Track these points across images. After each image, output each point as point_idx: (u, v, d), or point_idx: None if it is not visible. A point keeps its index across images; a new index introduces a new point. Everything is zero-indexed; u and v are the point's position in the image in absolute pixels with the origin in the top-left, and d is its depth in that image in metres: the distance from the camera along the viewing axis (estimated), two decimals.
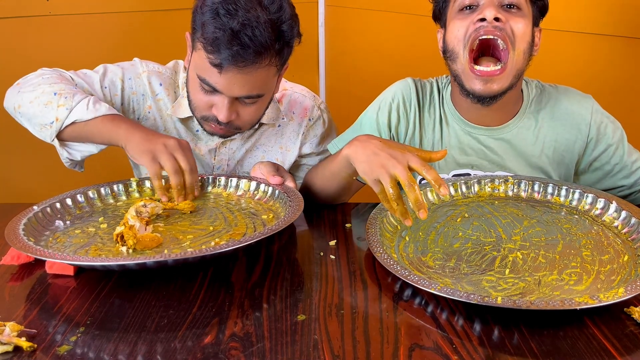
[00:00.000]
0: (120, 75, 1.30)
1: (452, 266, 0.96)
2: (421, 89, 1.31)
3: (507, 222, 1.11)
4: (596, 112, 1.23)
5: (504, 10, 1.13)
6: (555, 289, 0.89)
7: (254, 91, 1.15)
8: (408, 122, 1.29)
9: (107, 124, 1.19)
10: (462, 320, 0.85)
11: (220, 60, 1.10)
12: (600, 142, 1.23)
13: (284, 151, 1.39)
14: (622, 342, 0.80)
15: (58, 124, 1.19)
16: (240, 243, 0.93)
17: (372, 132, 1.29)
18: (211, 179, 1.25)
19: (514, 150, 1.26)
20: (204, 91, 1.17)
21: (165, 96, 1.32)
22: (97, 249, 0.99)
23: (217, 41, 1.08)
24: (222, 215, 1.13)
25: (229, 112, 1.16)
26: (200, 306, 0.88)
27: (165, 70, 1.33)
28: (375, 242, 1.00)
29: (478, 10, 1.14)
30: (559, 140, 1.25)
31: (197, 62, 1.15)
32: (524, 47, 1.14)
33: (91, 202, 1.17)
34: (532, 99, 1.26)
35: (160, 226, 1.08)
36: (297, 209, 1.06)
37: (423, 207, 0.97)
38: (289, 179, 1.20)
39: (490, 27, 1.11)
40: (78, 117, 1.18)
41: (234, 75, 1.11)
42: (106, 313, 0.87)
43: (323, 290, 0.93)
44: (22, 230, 0.99)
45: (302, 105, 1.38)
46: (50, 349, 0.78)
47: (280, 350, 0.78)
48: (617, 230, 1.06)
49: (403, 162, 0.99)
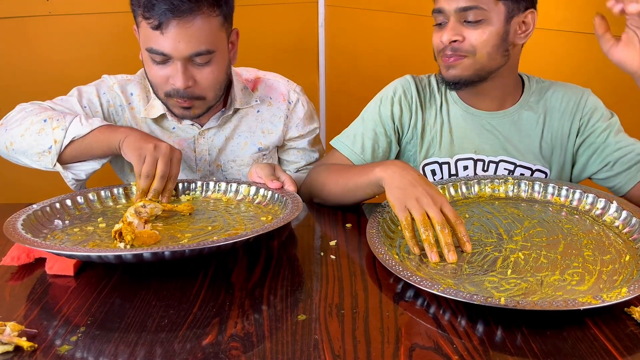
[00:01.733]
0: (95, 92, 1.32)
1: (453, 267, 0.96)
2: (419, 82, 1.37)
3: (508, 222, 1.11)
4: (591, 99, 1.30)
5: (464, 26, 1.20)
6: (557, 289, 0.89)
7: (202, 46, 1.16)
8: (411, 112, 1.34)
9: (105, 132, 1.21)
10: (463, 320, 0.84)
11: (159, 18, 1.12)
12: (590, 122, 1.29)
13: (267, 134, 1.41)
14: (622, 342, 0.80)
15: (57, 145, 1.20)
16: (239, 237, 0.92)
17: (376, 126, 1.33)
18: (212, 183, 1.24)
19: (516, 133, 1.31)
20: (156, 63, 1.18)
21: (138, 102, 1.35)
22: (95, 245, 0.99)
23: (151, 0, 1.12)
24: (221, 217, 1.12)
25: (184, 77, 1.17)
26: (201, 306, 0.88)
27: (134, 77, 1.37)
28: (376, 242, 1.00)
29: (443, 29, 1.22)
30: (557, 127, 1.31)
31: (142, 37, 1.18)
32: (487, 51, 1.21)
33: (91, 204, 1.17)
34: (533, 91, 1.33)
35: (159, 226, 1.07)
36: (296, 209, 1.06)
37: (452, 249, 0.98)
38: (288, 180, 1.19)
39: (449, 49, 1.21)
40: (75, 133, 1.20)
41: (176, 32, 1.13)
42: (107, 313, 0.87)
43: (323, 290, 0.93)
44: (21, 226, 0.99)
45: (278, 90, 1.41)
46: (50, 349, 0.78)
47: (281, 350, 0.78)
48: (618, 230, 1.06)
49: (438, 203, 1.01)
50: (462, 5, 1.18)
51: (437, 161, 1.33)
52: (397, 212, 1.03)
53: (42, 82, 1.90)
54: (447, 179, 1.25)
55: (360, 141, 1.32)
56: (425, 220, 0.99)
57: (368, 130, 1.32)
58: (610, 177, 1.27)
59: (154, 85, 1.24)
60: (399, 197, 1.04)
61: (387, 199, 1.07)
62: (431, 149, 1.34)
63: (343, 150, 1.33)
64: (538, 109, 1.31)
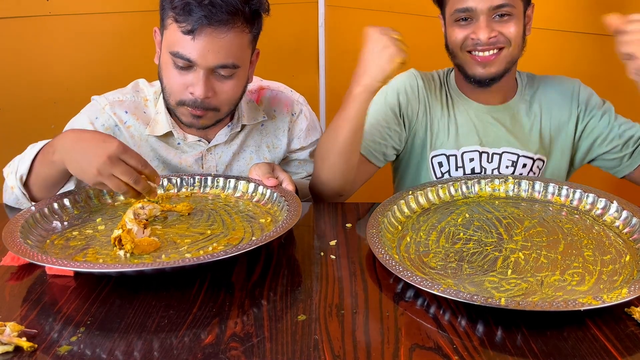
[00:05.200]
0: (87, 120, 1.28)
1: (454, 267, 0.96)
2: (424, 76, 1.39)
3: (508, 222, 1.11)
4: (583, 88, 1.37)
5: (496, 22, 1.25)
6: (558, 290, 0.89)
7: (229, 59, 1.15)
8: (418, 104, 1.36)
9: (43, 160, 1.13)
10: (463, 320, 0.84)
11: (193, 24, 1.10)
12: (588, 109, 1.35)
13: (272, 149, 1.39)
14: (623, 342, 0.79)
15: (17, 191, 1.16)
16: (238, 250, 0.92)
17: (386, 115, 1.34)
18: (210, 179, 1.24)
19: (517, 125, 1.36)
20: (178, 69, 1.16)
21: (135, 121, 1.29)
22: (95, 252, 0.98)
23: (189, 5, 1.10)
24: (220, 218, 1.12)
25: (205, 87, 1.15)
26: (201, 306, 0.88)
27: (125, 96, 1.30)
28: (376, 242, 1.00)
29: (473, 25, 1.26)
30: (555, 116, 1.36)
31: (169, 40, 1.15)
32: (518, 42, 1.28)
33: (89, 201, 1.16)
34: (525, 85, 1.40)
35: (158, 229, 1.07)
36: (295, 215, 1.05)
37: None
38: (287, 180, 1.19)
39: (485, 45, 1.26)
40: (21, 172, 1.14)
41: (207, 40, 1.12)
42: (106, 313, 0.86)
43: (323, 290, 0.93)
44: (20, 233, 0.99)
45: (282, 102, 1.39)
46: (50, 349, 0.78)
47: (281, 350, 0.78)
48: (618, 230, 1.06)
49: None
50: (496, 4, 1.23)
51: (444, 153, 1.36)
52: (399, 55, 1.12)
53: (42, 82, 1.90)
54: (448, 178, 1.25)
55: (369, 130, 1.30)
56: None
57: (379, 120, 1.32)
58: (617, 157, 1.33)
59: (169, 90, 1.20)
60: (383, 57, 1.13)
61: (380, 74, 1.14)
62: (438, 141, 1.36)
63: None
64: (534, 101, 1.37)
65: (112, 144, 1.02)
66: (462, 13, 1.25)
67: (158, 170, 1.29)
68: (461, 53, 1.29)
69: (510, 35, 1.25)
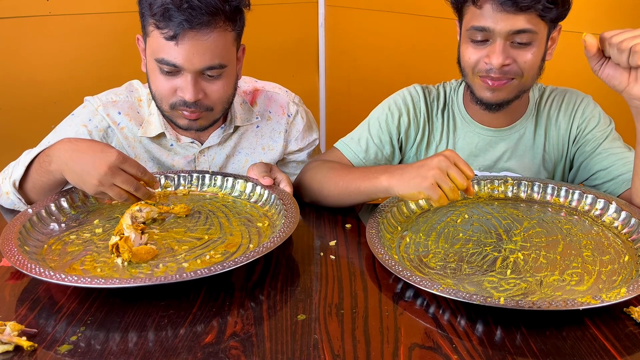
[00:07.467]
0: (80, 122, 1.27)
1: (453, 267, 0.96)
2: (429, 95, 1.34)
3: (507, 222, 1.11)
4: (591, 107, 1.29)
5: (514, 47, 1.14)
6: (557, 290, 0.89)
7: (215, 60, 1.14)
8: (418, 127, 1.32)
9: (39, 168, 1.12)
10: (463, 320, 0.85)
11: (174, 29, 1.09)
12: (587, 129, 1.28)
13: (267, 151, 1.38)
14: (622, 342, 0.80)
15: (12, 196, 1.16)
16: (236, 264, 0.91)
17: (382, 134, 1.31)
18: (208, 177, 1.24)
19: (521, 147, 1.30)
20: (165, 74, 1.15)
21: (128, 122, 1.28)
22: (93, 260, 0.97)
23: (168, 11, 1.08)
24: (217, 221, 1.11)
25: (194, 90, 1.14)
26: (201, 306, 0.88)
27: (118, 97, 1.30)
28: (376, 242, 1.00)
29: (488, 47, 1.15)
30: (558, 136, 1.30)
31: (153, 47, 1.14)
32: (532, 73, 1.18)
33: (86, 201, 1.15)
34: (536, 101, 1.31)
35: (155, 233, 1.06)
36: (293, 222, 1.04)
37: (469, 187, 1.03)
38: (284, 181, 1.19)
39: (498, 72, 1.15)
40: (15, 177, 1.13)
41: (191, 44, 1.10)
42: (107, 312, 0.87)
43: (323, 290, 0.93)
44: (18, 240, 0.97)
45: (277, 103, 1.38)
46: (50, 349, 0.78)
47: (281, 349, 0.78)
48: (617, 230, 1.07)
49: (451, 159, 1.02)
50: (517, 28, 1.11)
51: None
52: (428, 194, 1.01)
53: (41, 82, 1.90)
54: None
55: (365, 146, 1.31)
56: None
57: (373, 137, 1.31)
58: (597, 185, 1.25)
59: (159, 96, 1.19)
60: (419, 183, 1.02)
61: (405, 194, 1.06)
62: None
63: (346, 153, 1.32)
64: (541, 120, 1.31)
65: (111, 154, 1.03)
66: (478, 32, 1.14)
67: (153, 170, 1.29)
68: (472, 75, 1.20)
69: (524, 66, 1.15)
